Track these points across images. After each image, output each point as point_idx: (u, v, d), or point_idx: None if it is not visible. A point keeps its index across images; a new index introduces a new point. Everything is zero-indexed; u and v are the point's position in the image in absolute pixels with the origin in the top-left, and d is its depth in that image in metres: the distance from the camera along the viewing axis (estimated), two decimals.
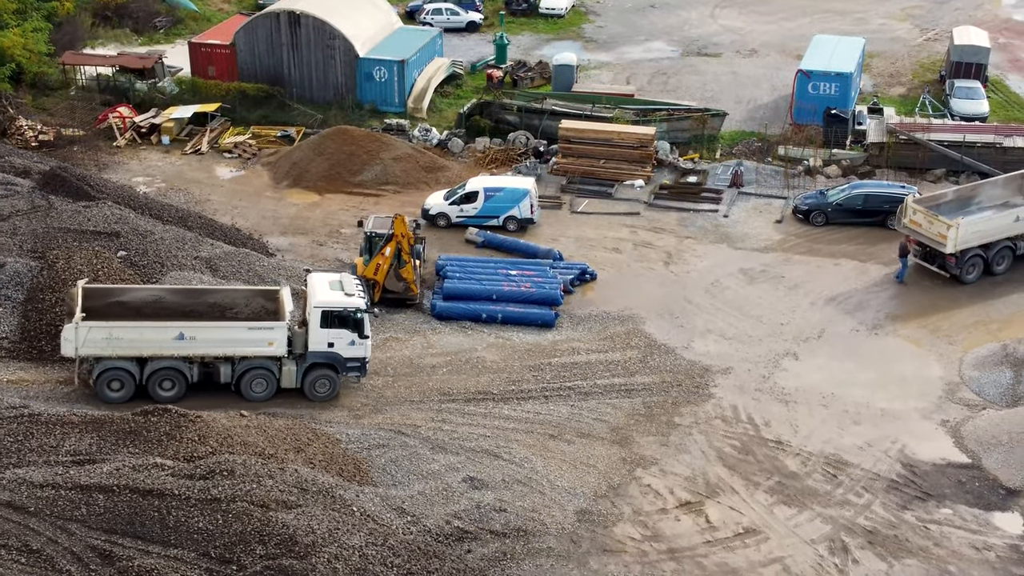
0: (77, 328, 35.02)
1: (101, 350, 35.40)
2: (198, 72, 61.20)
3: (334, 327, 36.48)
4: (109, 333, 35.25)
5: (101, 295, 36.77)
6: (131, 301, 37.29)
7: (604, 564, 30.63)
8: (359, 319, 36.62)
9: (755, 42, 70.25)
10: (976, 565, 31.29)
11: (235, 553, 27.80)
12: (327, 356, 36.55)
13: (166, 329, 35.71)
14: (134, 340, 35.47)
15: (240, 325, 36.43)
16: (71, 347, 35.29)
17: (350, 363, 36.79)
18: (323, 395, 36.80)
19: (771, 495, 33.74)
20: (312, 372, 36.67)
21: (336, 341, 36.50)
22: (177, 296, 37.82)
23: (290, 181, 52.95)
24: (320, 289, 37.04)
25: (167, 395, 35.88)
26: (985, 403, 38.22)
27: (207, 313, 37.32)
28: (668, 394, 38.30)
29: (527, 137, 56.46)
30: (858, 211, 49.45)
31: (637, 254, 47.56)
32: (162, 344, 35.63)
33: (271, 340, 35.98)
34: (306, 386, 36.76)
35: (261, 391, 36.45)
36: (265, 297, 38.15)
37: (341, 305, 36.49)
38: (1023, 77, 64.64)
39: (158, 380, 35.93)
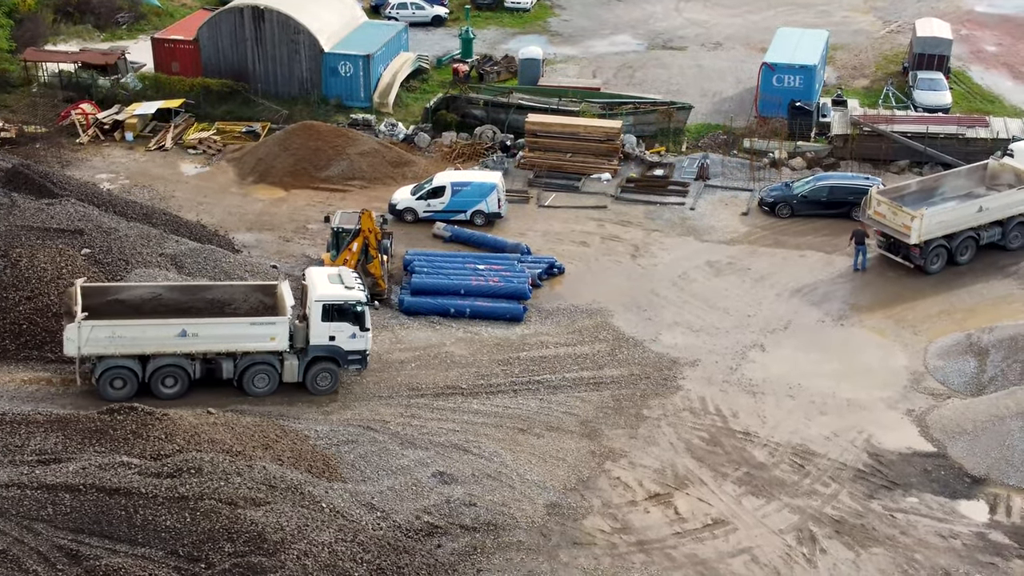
0: (80, 327, 34.85)
1: (104, 349, 35.30)
2: (161, 68, 60.78)
3: (335, 320, 36.54)
4: (112, 332, 35.19)
5: (99, 293, 36.69)
6: (129, 299, 37.24)
7: (574, 557, 30.71)
8: (360, 312, 36.75)
9: (720, 35, 70.52)
10: (942, 553, 31.58)
11: (203, 551, 27.66)
12: (328, 350, 36.69)
13: (169, 326, 35.68)
14: (137, 338, 35.40)
15: (242, 321, 36.51)
16: (74, 347, 35.12)
17: (351, 356, 36.95)
18: (325, 388, 36.95)
19: (739, 486, 33.92)
20: (314, 366, 36.79)
21: (337, 334, 36.63)
22: (175, 293, 37.79)
23: (255, 177, 52.68)
24: (320, 283, 37.06)
25: (170, 392, 35.95)
26: (950, 392, 38.57)
27: (206, 309, 37.34)
28: (636, 387, 38.42)
29: (494, 131, 56.43)
30: (823, 203, 49.76)
31: (604, 247, 47.65)
32: (164, 341, 35.60)
33: (273, 335, 36.09)
34: (308, 380, 36.88)
35: (263, 386, 36.53)
36: (263, 292, 38.24)
37: (342, 298, 36.62)
38: (985, 68, 65.23)
39: (161, 377, 35.92)
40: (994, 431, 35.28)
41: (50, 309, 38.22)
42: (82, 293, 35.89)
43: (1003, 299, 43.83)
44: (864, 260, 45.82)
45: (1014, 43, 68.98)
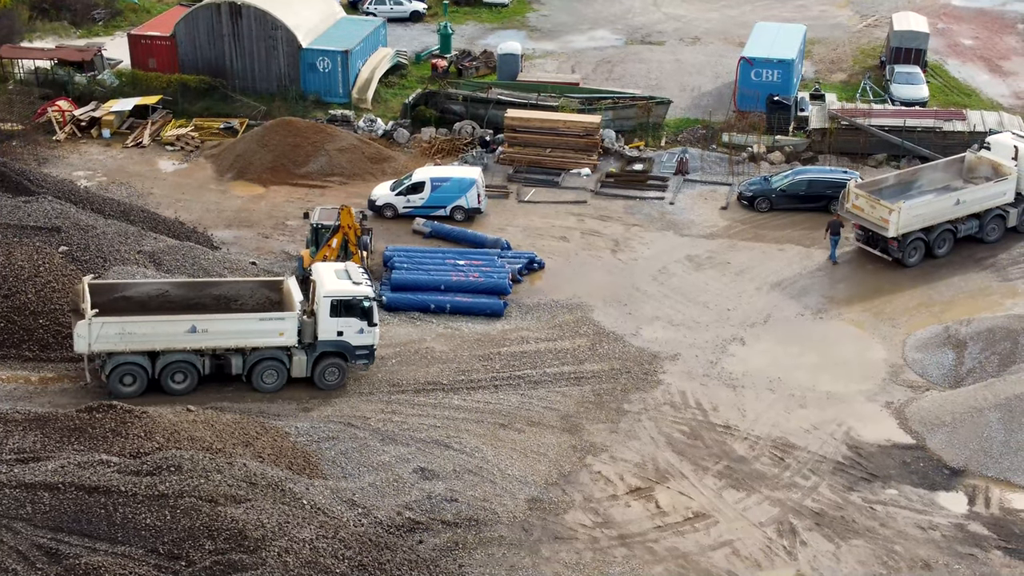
0: (90, 324, 34.90)
1: (114, 345, 35.40)
2: (138, 64, 60.44)
3: (343, 316, 36.69)
4: (122, 328, 35.31)
5: (106, 290, 36.76)
6: (136, 296, 37.35)
7: (556, 551, 30.74)
8: (367, 307, 36.85)
9: (698, 30, 70.64)
10: (922, 544, 31.75)
11: (184, 549, 27.56)
12: (336, 345, 36.87)
13: (178, 323, 35.85)
14: (147, 334, 35.54)
15: (252, 316, 36.60)
16: (84, 343, 35.21)
17: (359, 351, 37.15)
18: (333, 383, 37.14)
19: (720, 479, 34.01)
20: (322, 361, 36.96)
21: (345, 330, 36.80)
22: (182, 289, 37.92)
23: (234, 173, 52.49)
24: (328, 279, 37.18)
25: (179, 388, 36.14)
26: (928, 384, 38.78)
27: (212, 306, 37.48)
28: (617, 381, 38.47)
29: (473, 127, 56.37)
30: (802, 197, 49.93)
31: (584, 242, 47.69)
32: (174, 338, 35.76)
33: (282, 330, 36.26)
34: (316, 375, 37.05)
35: (272, 382, 36.73)
36: (269, 288, 38.41)
37: (350, 294, 36.76)
38: (962, 62, 65.54)
39: (170, 373, 36.05)
40: (972, 423, 35.48)
41: (27, 307, 38.02)
42: (90, 291, 35.99)
43: (981, 291, 44.08)
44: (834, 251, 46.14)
45: (990, 36, 69.33)
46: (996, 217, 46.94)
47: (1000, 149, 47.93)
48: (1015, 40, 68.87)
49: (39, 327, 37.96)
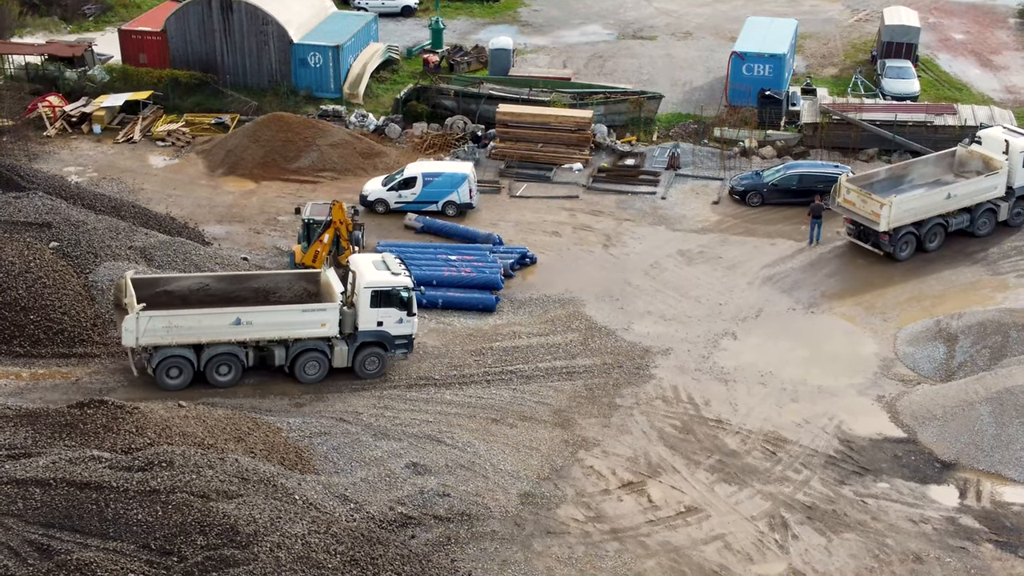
0: (138, 318, 35.23)
1: (161, 339, 35.82)
2: (129, 60, 60.32)
3: (383, 306, 37.10)
4: (169, 322, 35.69)
5: (148, 285, 37.14)
6: (177, 289, 37.76)
7: (548, 546, 30.77)
8: (407, 297, 37.23)
9: (690, 24, 70.65)
10: (913, 538, 31.83)
11: (175, 544, 27.52)
12: (376, 335, 37.32)
13: (223, 315, 36.22)
14: (192, 327, 35.94)
15: (294, 308, 37.06)
16: (132, 337, 35.61)
17: (398, 341, 37.61)
18: (373, 372, 37.65)
19: (712, 473, 34.06)
20: (362, 351, 37.40)
21: (385, 320, 37.22)
22: (222, 283, 38.28)
23: (225, 169, 52.41)
24: (367, 270, 37.54)
25: (224, 380, 36.58)
26: (920, 378, 38.86)
27: (251, 298, 37.90)
28: (609, 376, 38.50)
29: (465, 122, 56.33)
30: (793, 191, 49.98)
31: (576, 237, 47.70)
32: (219, 330, 36.15)
33: (323, 321, 36.70)
34: (356, 365, 37.50)
35: (314, 372, 37.19)
36: (307, 280, 38.82)
37: (390, 284, 37.23)
38: (953, 56, 65.65)
39: (215, 366, 36.46)
40: (963, 416, 35.56)
41: (18, 303, 37.96)
42: (132, 285, 36.37)
43: (972, 285, 44.18)
44: (819, 233, 46.27)
45: (981, 31, 69.45)
46: (987, 211, 47.04)
47: (991, 143, 48.00)
48: (1006, 34, 69.00)
49: (30, 323, 37.90)
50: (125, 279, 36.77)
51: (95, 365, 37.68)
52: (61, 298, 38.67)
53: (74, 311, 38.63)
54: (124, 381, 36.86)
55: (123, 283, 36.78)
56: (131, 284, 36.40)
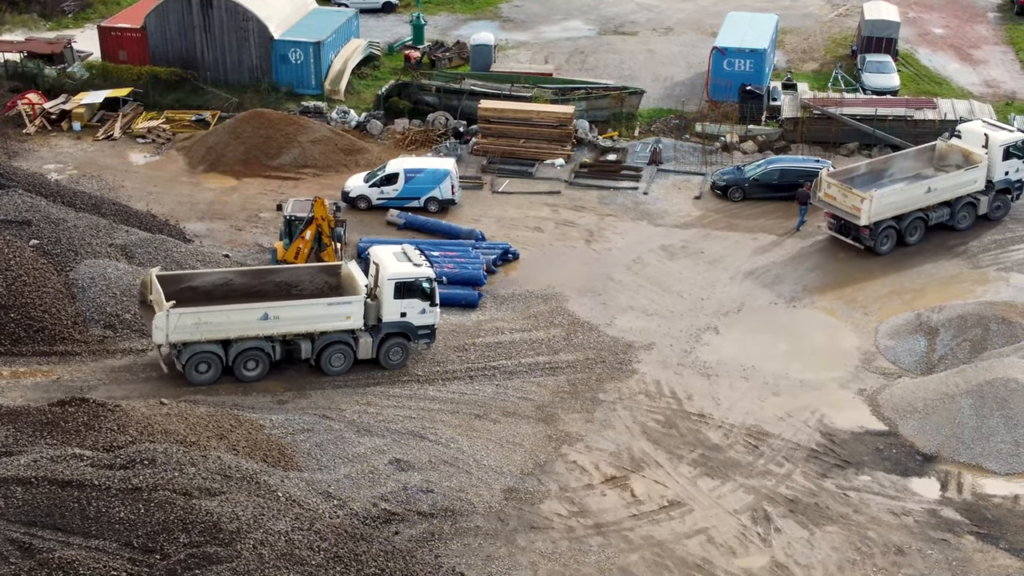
0: (168, 315, 35.42)
1: (190, 335, 36.02)
2: (108, 56, 60.01)
3: (406, 297, 37.57)
4: (198, 318, 35.90)
5: (172, 281, 37.32)
6: (201, 285, 37.85)
7: (532, 541, 30.81)
8: (429, 288, 37.63)
9: (670, 20, 70.72)
10: (895, 530, 31.99)
11: (158, 542, 27.44)
12: (400, 326, 37.74)
13: (251, 311, 36.49)
14: (221, 323, 36.19)
15: (320, 302, 37.26)
16: (162, 334, 35.81)
17: (421, 331, 38.07)
18: (397, 362, 38.04)
19: (694, 467, 34.15)
20: (386, 342, 37.80)
21: (408, 310, 37.68)
22: (245, 278, 38.53)
23: (206, 166, 52.23)
24: (389, 262, 37.97)
25: (252, 374, 36.83)
26: (901, 371, 39.04)
27: (274, 292, 38.18)
28: (592, 371, 38.55)
29: (446, 118, 56.28)
30: (774, 186, 50.10)
31: (559, 233, 47.72)
32: (247, 325, 36.42)
33: (348, 314, 37.08)
34: (381, 356, 37.86)
35: (340, 364, 37.54)
36: (328, 273, 39.12)
37: (413, 275, 37.68)
38: (932, 51, 65.89)
39: (243, 361, 36.69)
40: (944, 409, 35.74)
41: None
42: (159, 282, 36.60)
43: (952, 279, 44.39)
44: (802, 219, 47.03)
45: (961, 25, 69.74)
46: (967, 205, 47.26)
47: (970, 137, 48.24)
48: (985, 29, 69.30)
49: (10, 321, 37.72)
50: (150, 276, 36.98)
51: (76, 363, 37.53)
52: (41, 296, 38.50)
53: (55, 309, 38.46)
54: (105, 379, 36.73)
55: (148, 280, 37.01)
56: (157, 281, 36.61)
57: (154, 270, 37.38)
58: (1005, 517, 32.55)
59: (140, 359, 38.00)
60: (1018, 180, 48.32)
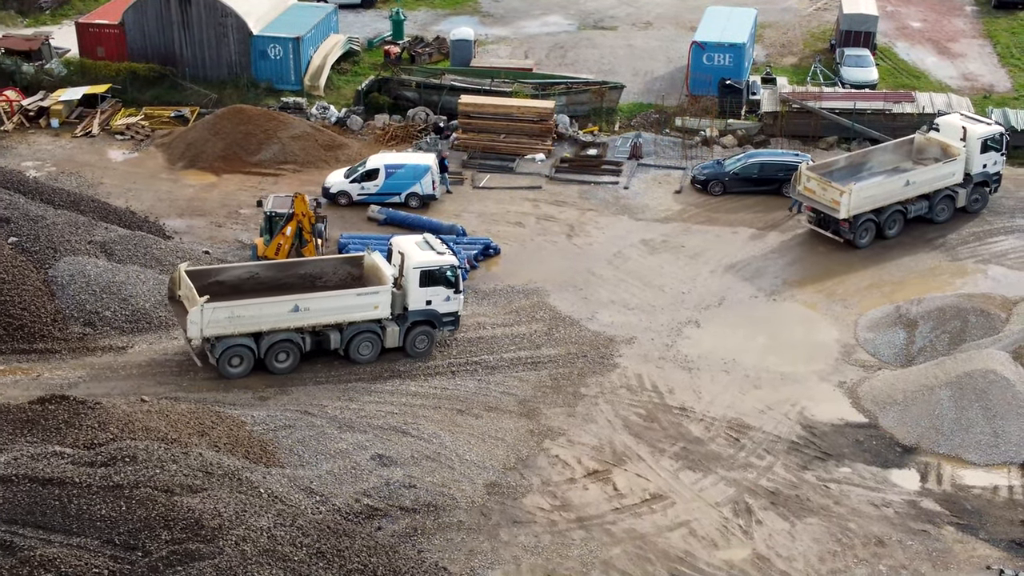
0: (203, 310, 35.67)
1: (223, 329, 36.35)
2: (86, 53, 59.70)
3: (431, 285, 38.10)
4: (231, 312, 36.26)
5: (200, 276, 37.65)
6: (228, 279, 38.24)
7: (514, 535, 30.85)
8: (453, 276, 38.10)
9: (650, 14, 70.79)
10: (875, 521, 32.16)
11: (140, 539, 27.37)
12: (426, 313, 38.29)
13: (283, 303, 36.89)
14: (254, 316, 36.56)
15: (349, 292, 37.80)
16: (197, 329, 36.06)
17: (446, 318, 38.60)
18: (422, 350, 38.59)
19: (676, 461, 34.26)
20: (412, 330, 38.33)
21: (433, 298, 38.21)
22: (270, 271, 38.95)
23: (186, 162, 52.04)
24: (414, 251, 38.44)
25: (283, 366, 37.23)
26: (880, 364, 39.23)
27: (299, 285, 38.62)
28: (574, 365, 38.61)
29: (427, 113, 56.23)
30: (754, 180, 50.26)
31: (540, 228, 47.75)
32: (279, 317, 36.82)
33: (376, 304, 37.56)
34: (407, 344, 38.37)
35: (368, 353, 38.01)
36: (351, 264, 39.54)
37: (437, 264, 38.18)
38: (910, 44, 66.16)
39: (275, 353, 37.08)
40: (924, 401, 35.94)
41: None
42: (189, 278, 36.97)
43: (931, 271, 44.63)
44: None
45: (938, 19, 70.05)
46: (945, 198, 47.50)
47: (949, 130, 48.48)
48: (963, 22, 69.63)
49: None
50: (179, 272, 37.29)
51: (56, 361, 37.38)
52: (21, 294, 38.32)
53: (34, 307, 38.29)
54: (85, 376, 36.61)
55: (177, 276, 37.40)
56: (187, 276, 36.90)
57: (183, 266, 37.71)
58: (984, 508, 32.78)
59: (120, 356, 37.89)
60: (996, 173, 48.62)
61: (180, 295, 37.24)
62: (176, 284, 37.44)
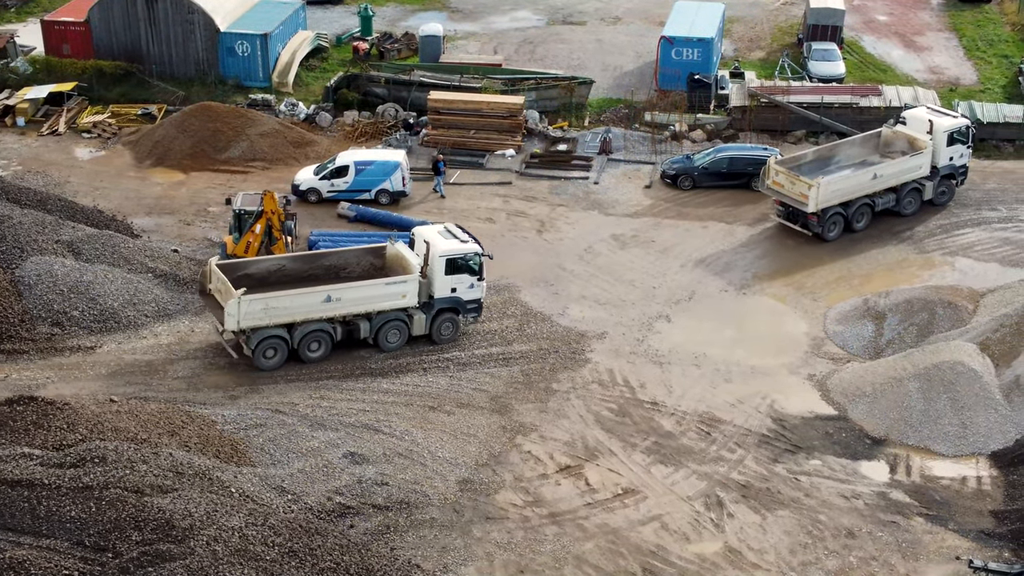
0: (239, 302, 36.13)
1: (258, 320, 36.92)
2: (52, 51, 59.23)
3: (456, 273, 38.82)
4: (266, 303, 36.86)
5: (230, 270, 38.09)
6: (256, 272, 38.71)
7: (487, 532, 30.87)
8: (477, 263, 38.87)
9: (619, 10, 70.89)
10: (845, 513, 32.38)
11: (110, 540, 27.20)
12: (451, 301, 39.07)
13: (315, 294, 37.50)
14: (288, 307, 37.21)
15: (379, 282, 38.47)
16: (234, 321, 36.57)
17: (469, 305, 39.36)
18: (448, 337, 39.30)
19: (648, 455, 34.37)
20: (439, 318, 39.05)
21: (458, 286, 38.96)
22: (297, 263, 39.56)
23: (153, 160, 51.72)
24: (438, 240, 39.10)
25: (315, 356, 37.86)
26: (849, 356, 39.49)
27: (324, 276, 39.18)
28: (545, 361, 38.66)
29: (396, 109, 56.10)
30: (723, 174, 50.45)
31: (510, 223, 47.75)
32: (311, 308, 37.46)
33: (404, 293, 38.28)
34: (433, 331, 39.08)
35: (396, 341, 38.75)
36: (373, 255, 40.15)
37: (462, 252, 38.90)
38: (877, 38, 66.54)
39: (307, 343, 37.67)
40: (892, 393, 36.20)
41: None
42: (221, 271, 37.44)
43: (898, 264, 44.95)
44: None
45: (905, 12, 70.50)
46: (912, 191, 47.83)
47: (915, 123, 48.82)
48: (929, 15, 70.10)
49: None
50: (211, 265, 37.77)
51: (23, 361, 37.09)
52: None
53: (1, 307, 37.95)
54: (53, 377, 36.34)
55: (208, 270, 37.91)
56: (220, 270, 37.33)
57: (213, 259, 38.23)
58: (953, 498, 33.06)
59: (89, 356, 37.64)
60: (962, 165, 49.02)
61: (211, 289, 37.76)
62: (207, 278, 38.00)
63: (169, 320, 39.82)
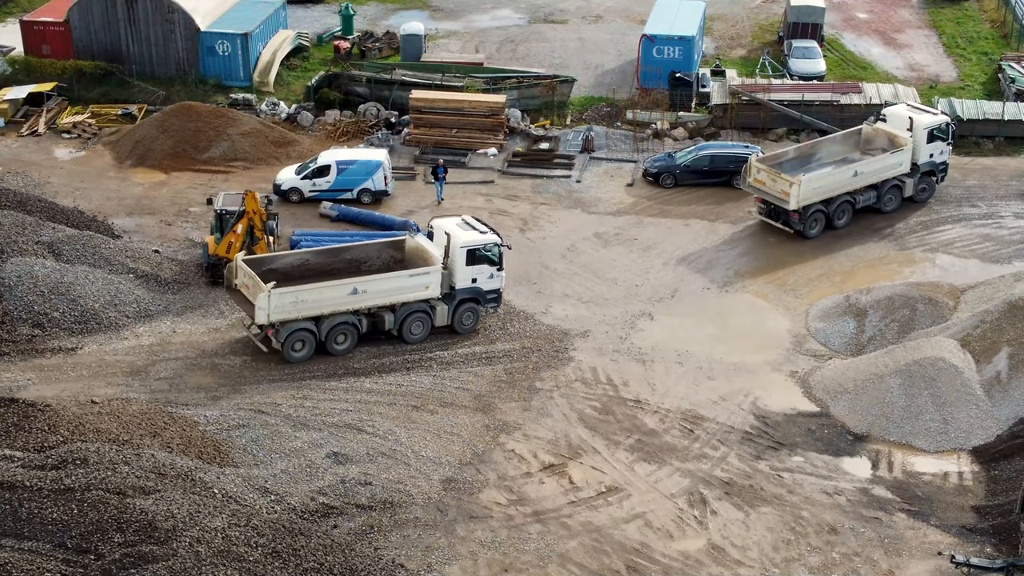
0: (270, 296, 36.66)
1: (287, 314, 37.40)
2: (31, 51, 58.89)
3: (477, 264, 39.39)
4: (295, 296, 37.37)
5: (256, 264, 38.61)
6: (280, 267, 39.18)
7: (471, 531, 30.87)
8: (496, 253, 39.43)
9: (600, 8, 70.92)
10: (828, 509, 32.49)
11: (92, 542, 27.10)
12: (472, 291, 39.67)
13: (342, 287, 37.99)
14: (316, 300, 37.67)
15: (403, 274, 39.07)
16: (264, 315, 37.06)
17: (489, 295, 39.95)
18: (469, 327, 39.87)
19: (631, 453, 34.42)
20: (460, 308, 39.60)
21: (478, 276, 39.54)
22: (319, 257, 40.05)
23: (134, 160, 51.51)
24: (458, 232, 39.64)
25: (342, 348, 38.30)
26: (831, 353, 39.62)
27: (346, 269, 39.80)
28: (529, 359, 38.67)
29: (378, 108, 56.02)
30: (705, 172, 50.55)
31: (493, 222, 47.51)
32: (338, 301, 37.90)
33: (427, 284, 38.85)
34: (455, 321, 39.62)
35: (420, 332, 39.25)
36: (392, 248, 40.74)
37: (482, 242, 39.48)
38: (857, 36, 66.76)
39: (334, 336, 38.10)
40: (874, 389, 36.34)
41: None
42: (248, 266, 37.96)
43: (879, 261, 45.12)
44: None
45: (885, 10, 70.75)
46: (893, 188, 48.03)
47: (896, 121, 49.01)
48: (909, 13, 70.38)
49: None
50: (237, 261, 38.15)
51: (4, 363, 36.87)
52: None
53: None
54: (34, 378, 36.17)
55: (234, 266, 38.31)
56: (247, 265, 37.82)
57: (239, 255, 38.54)
58: (935, 494, 33.22)
59: (70, 358, 37.47)
60: (942, 162, 49.24)
61: (237, 284, 38.08)
62: (232, 274, 38.38)
63: (150, 321, 39.68)
